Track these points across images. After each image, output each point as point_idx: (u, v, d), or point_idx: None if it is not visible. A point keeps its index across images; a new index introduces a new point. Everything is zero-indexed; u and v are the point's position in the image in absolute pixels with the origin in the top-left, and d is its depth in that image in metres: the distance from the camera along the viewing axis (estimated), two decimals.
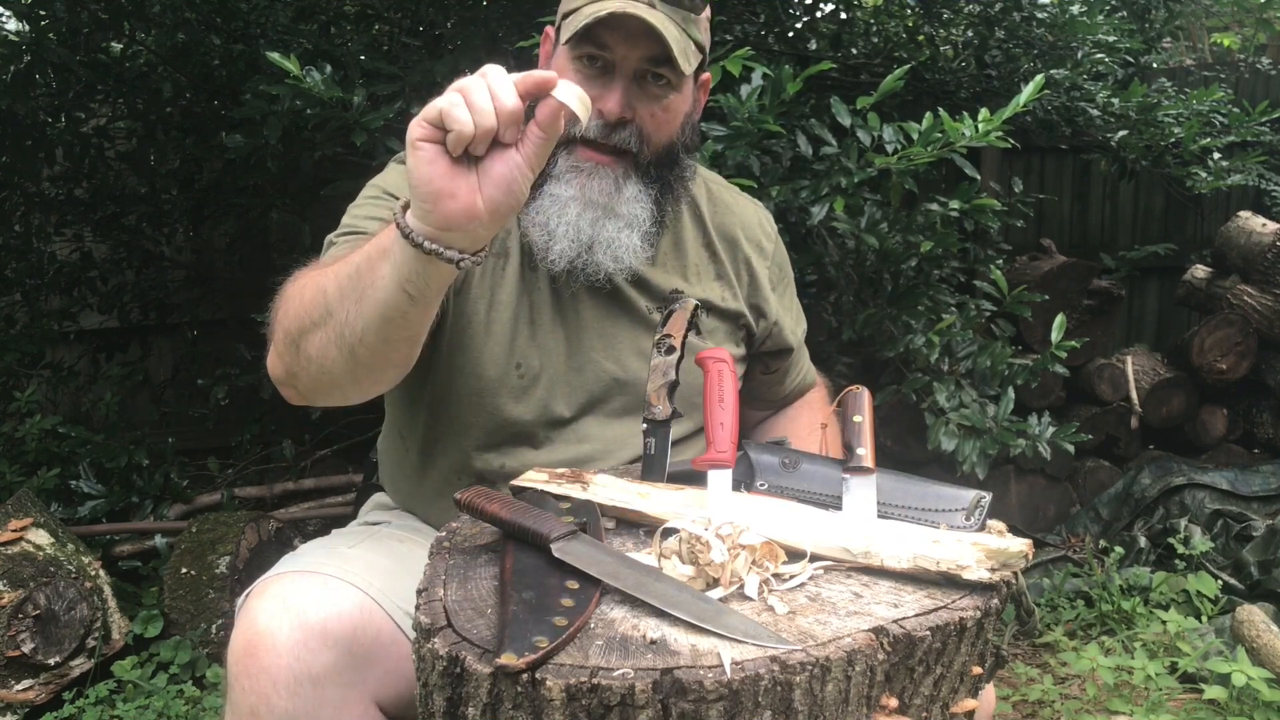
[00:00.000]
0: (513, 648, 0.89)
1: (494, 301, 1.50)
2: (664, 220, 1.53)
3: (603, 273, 1.47)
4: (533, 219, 1.47)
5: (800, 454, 1.30)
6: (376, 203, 1.48)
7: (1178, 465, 3.60)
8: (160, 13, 3.01)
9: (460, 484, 1.53)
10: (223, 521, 2.95)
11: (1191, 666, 2.49)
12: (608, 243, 1.45)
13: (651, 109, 1.44)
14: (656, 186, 1.49)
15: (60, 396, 3.78)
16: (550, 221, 1.45)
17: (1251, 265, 3.88)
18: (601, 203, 1.44)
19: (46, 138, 3.25)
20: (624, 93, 1.42)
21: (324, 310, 1.19)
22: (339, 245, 1.41)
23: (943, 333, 2.69)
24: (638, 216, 1.47)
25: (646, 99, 1.44)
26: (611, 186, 1.45)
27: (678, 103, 1.48)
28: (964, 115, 2.16)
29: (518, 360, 1.49)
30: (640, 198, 1.47)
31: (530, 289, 1.52)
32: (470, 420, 1.51)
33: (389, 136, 2.43)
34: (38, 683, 2.54)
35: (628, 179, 1.46)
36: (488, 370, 1.48)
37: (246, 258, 3.73)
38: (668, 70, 1.42)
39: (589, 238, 1.45)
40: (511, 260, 1.52)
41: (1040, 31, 3.39)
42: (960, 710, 1.00)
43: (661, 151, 1.48)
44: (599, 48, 1.40)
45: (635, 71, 1.42)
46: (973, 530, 1.16)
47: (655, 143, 1.47)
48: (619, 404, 1.54)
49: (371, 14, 3.01)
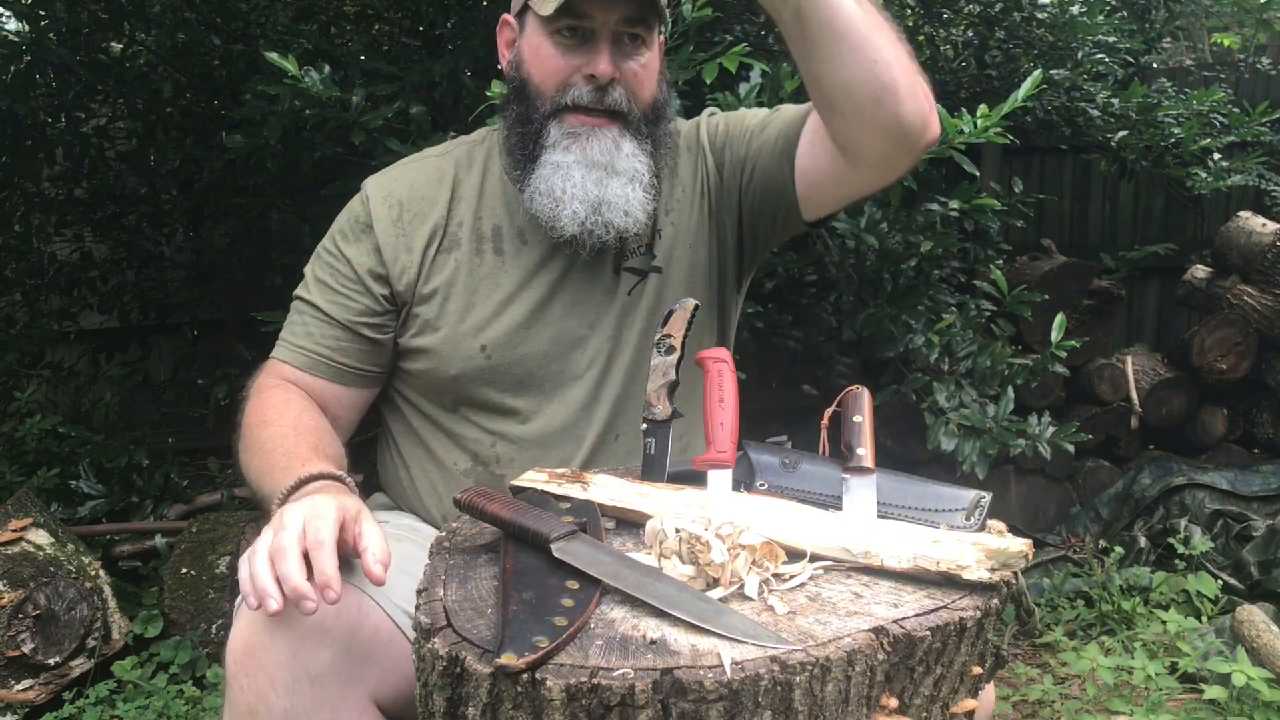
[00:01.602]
0: (513, 648, 0.89)
1: (450, 293, 1.57)
2: (661, 173, 1.57)
3: (613, 231, 1.51)
4: (536, 189, 1.51)
5: (800, 454, 1.30)
6: (328, 260, 1.61)
7: (1178, 465, 3.60)
8: (160, 13, 3.01)
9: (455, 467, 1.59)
10: (223, 521, 2.95)
11: (1191, 666, 2.49)
12: (615, 200, 1.49)
13: (633, 69, 1.49)
14: (650, 142, 1.53)
15: (60, 396, 3.77)
16: (555, 189, 1.49)
17: (1251, 265, 3.88)
18: (603, 162, 1.49)
19: (46, 138, 3.25)
20: (610, 53, 1.46)
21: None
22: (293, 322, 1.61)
23: (943, 332, 2.69)
24: (638, 171, 1.51)
25: (627, 59, 1.49)
26: (611, 145, 1.49)
27: (653, 59, 1.53)
28: (963, 112, 2.16)
29: (482, 343, 1.55)
30: (638, 153, 1.51)
31: (491, 271, 1.58)
32: (448, 406, 1.59)
33: (388, 136, 2.43)
34: (38, 683, 2.54)
35: (623, 137, 1.50)
36: (453, 357, 1.55)
37: (246, 258, 3.72)
38: (642, 29, 1.48)
39: (596, 197, 1.49)
40: (462, 248, 1.58)
41: (1040, 31, 3.39)
42: (960, 710, 1.00)
43: (648, 108, 1.53)
44: (578, 18, 1.45)
45: (613, 34, 1.46)
46: (973, 530, 1.16)
47: (642, 100, 1.52)
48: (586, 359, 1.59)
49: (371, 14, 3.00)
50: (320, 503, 1.18)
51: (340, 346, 1.58)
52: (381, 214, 1.59)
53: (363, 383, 1.62)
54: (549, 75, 1.49)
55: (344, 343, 1.58)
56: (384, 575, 1.14)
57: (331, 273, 1.60)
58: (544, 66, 1.49)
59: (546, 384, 1.58)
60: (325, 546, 1.12)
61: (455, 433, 1.60)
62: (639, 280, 1.61)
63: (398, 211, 1.59)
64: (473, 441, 1.59)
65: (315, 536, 1.13)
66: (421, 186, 1.61)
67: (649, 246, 1.61)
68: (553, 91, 1.49)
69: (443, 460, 1.61)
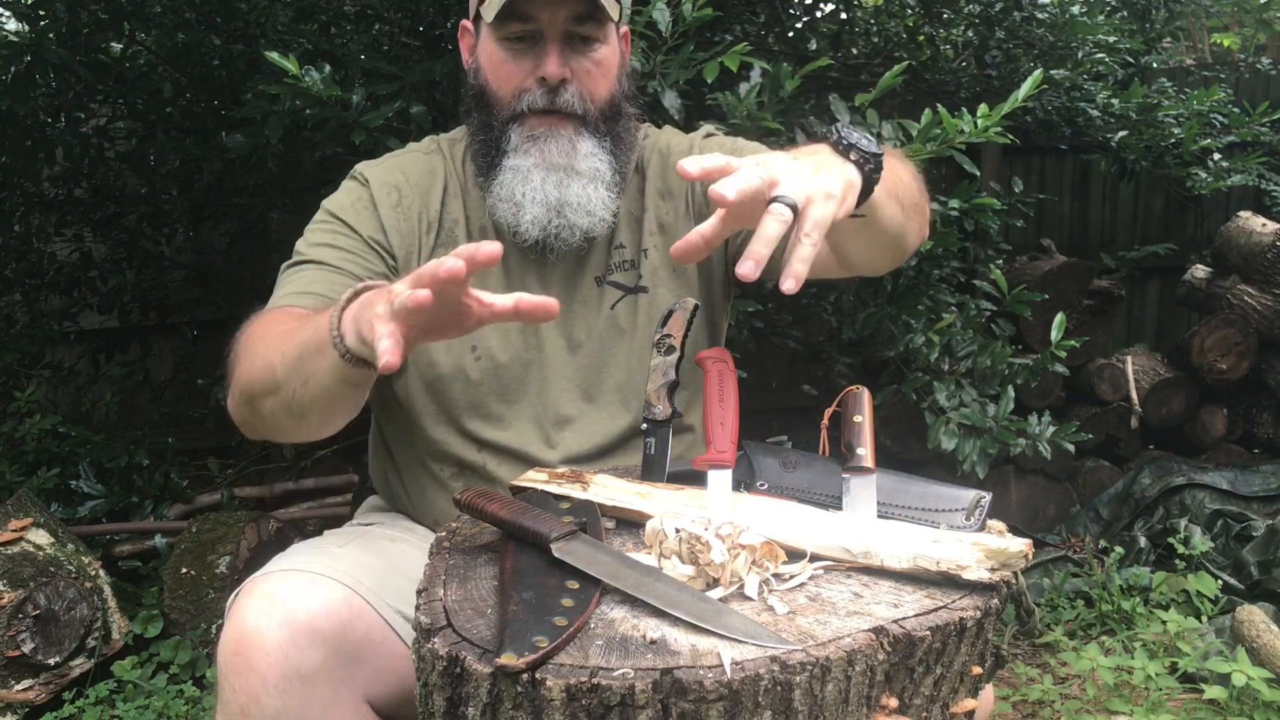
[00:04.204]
0: (513, 648, 0.89)
1: None
2: (624, 171, 1.55)
3: (578, 233, 1.50)
4: (498, 195, 1.50)
5: (800, 454, 1.30)
6: (327, 228, 1.53)
7: (1178, 465, 3.60)
8: (160, 13, 3.01)
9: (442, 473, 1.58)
10: (223, 521, 2.95)
11: (1191, 666, 2.49)
12: (577, 201, 1.49)
13: (586, 67, 1.48)
14: (609, 140, 1.52)
15: (60, 396, 3.77)
16: (515, 193, 1.48)
17: (1251, 265, 3.88)
18: (562, 164, 1.48)
19: (46, 138, 3.24)
20: (559, 54, 1.45)
21: (273, 383, 1.25)
22: (292, 279, 1.47)
23: (943, 332, 2.69)
24: (599, 170, 1.50)
25: (579, 58, 1.48)
26: (568, 146, 1.48)
27: (608, 55, 1.51)
28: (963, 112, 2.15)
29: (472, 344, 1.53)
30: (597, 152, 1.50)
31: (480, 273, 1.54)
32: (438, 408, 1.56)
33: (388, 136, 2.43)
34: (38, 683, 2.54)
35: (580, 137, 1.49)
36: (443, 360, 1.53)
37: (246, 258, 3.72)
38: (591, 27, 1.46)
39: (557, 199, 1.48)
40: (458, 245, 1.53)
41: (1040, 31, 3.39)
42: (960, 710, 1.00)
43: (605, 106, 1.52)
44: (523, 20, 1.44)
45: (563, 34, 1.45)
46: (973, 530, 1.16)
47: (598, 99, 1.50)
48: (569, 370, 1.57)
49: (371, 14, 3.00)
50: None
51: None
52: (382, 197, 1.55)
53: None
54: (504, 81, 1.48)
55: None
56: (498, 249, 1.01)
57: (334, 236, 1.52)
58: (498, 73, 1.49)
59: (531, 392, 1.56)
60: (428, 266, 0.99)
61: (442, 438, 1.57)
62: (623, 295, 1.58)
63: (396, 198, 1.56)
64: (459, 445, 1.56)
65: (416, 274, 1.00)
66: (415, 177, 1.58)
67: (634, 264, 1.59)
68: (509, 97, 1.48)
69: (430, 465, 1.59)
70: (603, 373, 1.57)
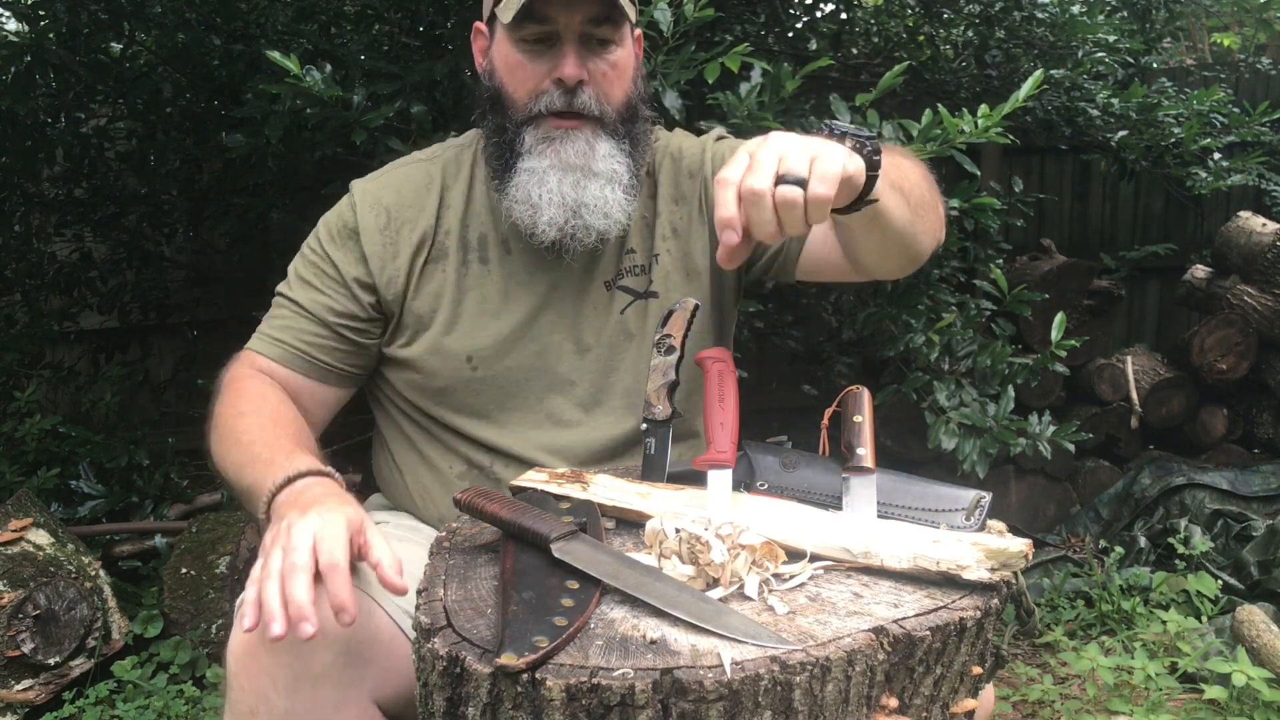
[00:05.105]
0: (513, 648, 0.89)
1: (437, 304, 1.55)
2: (640, 173, 1.55)
3: (593, 234, 1.50)
4: (513, 197, 1.50)
5: (800, 454, 1.30)
6: (313, 259, 1.58)
7: (1178, 465, 3.60)
8: (160, 13, 3.01)
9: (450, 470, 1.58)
10: (223, 521, 2.95)
11: (1191, 666, 2.49)
12: (594, 202, 1.48)
13: (602, 69, 1.48)
14: (627, 142, 1.52)
15: (60, 396, 3.77)
16: (532, 195, 1.48)
17: (1251, 265, 3.88)
18: (579, 165, 1.47)
19: (46, 138, 3.24)
20: (576, 55, 1.45)
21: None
22: (273, 315, 1.58)
23: (943, 332, 2.69)
24: (616, 172, 1.49)
25: (595, 60, 1.47)
26: (585, 147, 1.47)
27: (624, 57, 1.51)
28: (964, 112, 2.15)
29: (468, 354, 1.54)
30: (615, 153, 1.49)
31: (477, 281, 1.56)
32: (441, 415, 1.57)
33: (389, 136, 2.43)
34: (38, 683, 2.54)
35: (598, 138, 1.48)
36: (440, 369, 1.54)
37: (246, 258, 3.72)
38: (608, 29, 1.46)
39: (574, 200, 1.47)
40: (450, 259, 1.56)
41: (1041, 31, 3.39)
42: (960, 710, 1.00)
43: (622, 108, 1.51)
44: (540, 22, 1.43)
45: (580, 35, 1.45)
46: (973, 530, 1.16)
47: (615, 100, 1.50)
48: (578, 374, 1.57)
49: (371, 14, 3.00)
50: (329, 518, 1.14)
51: (319, 343, 1.55)
52: (369, 222, 1.55)
53: (339, 381, 1.59)
54: (520, 83, 1.48)
55: (323, 340, 1.55)
56: (405, 584, 1.11)
57: (315, 272, 1.57)
58: (514, 75, 1.48)
59: (532, 397, 1.56)
60: (340, 570, 1.09)
61: (446, 440, 1.58)
62: (633, 300, 1.58)
63: (385, 219, 1.56)
64: (464, 448, 1.57)
65: (329, 559, 1.09)
66: (409, 194, 1.58)
67: (645, 268, 1.59)
68: (525, 99, 1.48)
69: (436, 464, 1.59)
70: (611, 377, 1.57)
